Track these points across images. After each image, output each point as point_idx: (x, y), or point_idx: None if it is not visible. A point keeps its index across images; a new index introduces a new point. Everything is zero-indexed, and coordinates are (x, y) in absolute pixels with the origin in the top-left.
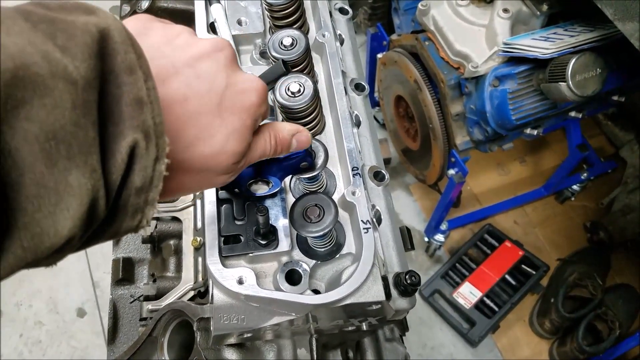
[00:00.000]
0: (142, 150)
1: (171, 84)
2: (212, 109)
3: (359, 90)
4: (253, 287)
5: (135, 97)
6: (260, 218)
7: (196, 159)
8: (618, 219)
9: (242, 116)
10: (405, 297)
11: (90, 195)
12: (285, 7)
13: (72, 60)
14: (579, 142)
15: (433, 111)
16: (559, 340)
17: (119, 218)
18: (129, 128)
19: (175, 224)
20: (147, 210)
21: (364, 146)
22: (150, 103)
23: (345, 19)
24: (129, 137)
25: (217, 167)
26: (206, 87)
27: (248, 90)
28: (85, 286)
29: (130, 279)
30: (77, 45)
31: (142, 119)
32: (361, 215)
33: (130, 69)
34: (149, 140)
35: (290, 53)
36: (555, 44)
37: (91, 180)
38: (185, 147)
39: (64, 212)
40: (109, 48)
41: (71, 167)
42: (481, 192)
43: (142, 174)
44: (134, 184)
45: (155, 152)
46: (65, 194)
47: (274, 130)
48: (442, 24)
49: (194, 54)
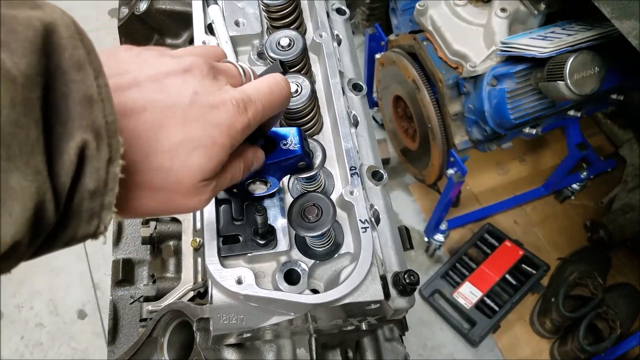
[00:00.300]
0: (92, 152)
1: (130, 94)
2: (174, 123)
3: (357, 90)
4: (252, 287)
5: (84, 94)
6: (259, 218)
7: (156, 173)
8: (618, 218)
9: (212, 132)
10: (404, 297)
11: (35, 198)
12: (283, 8)
13: (10, 56)
14: (578, 141)
15: (432, 111)
16: (559, 339)
17: (73, 223)
18: (78, 128)
19: (174, 225)
20: (104, 215)
21: (362, 146)
22: (101, 101)
23: (342, 19)
24: (78, 137)
25: (180, 184)
26: (170, 101)
27: (219, 106)
28: (86, 287)
29: (130, 280)
30: (18, 40)
31: (92, 118)
32: (359, 215)
33: (79, 65)
34: (100, 140)
35: (287, 53)
36: (553, 43)
37: (35, 182)
38: (143, 159)
39: (5, 217)
40: (54, 43)
41: (11, 169)
42: (481, 192)
43: (95, 177)
44: (87, 187)
45: (108, 152)
46: (7, 198)
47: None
48: (440, 23)
49: (161, 70)
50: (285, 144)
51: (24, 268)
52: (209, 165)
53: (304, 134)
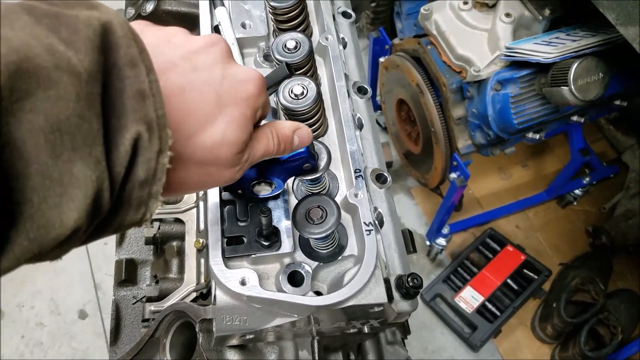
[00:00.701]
0: (145, 143)
1: (169, 77)
2: (210, 100)
3: (362, 93)
4: (255, 288)
5: (137, 90)
6: (263, 219)
7: (198, 150)
8: (620, 224)
9: (241, 106)
10: (407, 300)
11: (95, 186)
12: (289, 11)
13: (75, 54)
14: (581, 147)
15: (435, 115)
16: (561, 345)
17: (123, 211)
18: (132, 121)
19: (178, 226)
20: (151, 204)
21: (366, 149)
22: (152, 96)
23: (348, 22)
24: (132, 130)
25: (220, 158)
26: (203, 79)
27: (245, 80)
28: (87, 288)
29: (132, 280)
30: (81, 38)
31: (145, 112)
32: (363, 217)
33: (133, 62)
34: (152, 132)
35: (293, 56)
36: (557, 49)
37: (96, 172)
38: (186, 139)
39: (69, 204)
40: (111, 42)
41: (76, 159)
42: (483, 196)
43: (146, 167)
44: (138, 176)
45: (159, 144)
46: (70, 185)
47: (276, 127)
48: (444, 28)
49: (189, 49)
50: None
51: (25, 267)
52: (242, 137)
53: None
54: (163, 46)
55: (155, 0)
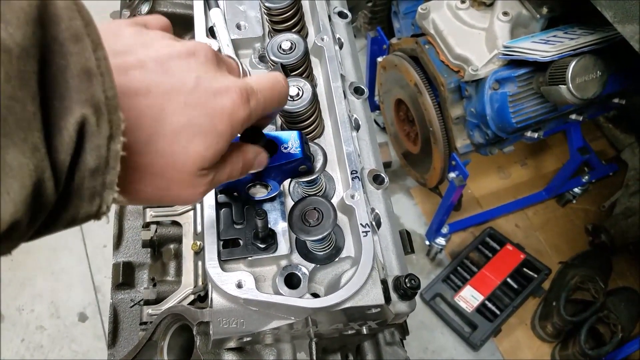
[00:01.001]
0: (92, 127)
1: (134, 74)
2: (177, 107)
3: (358, 93)
4: (252, 291)
5: (82, 67)
6: (259, 222)
7: (156, 158)
8: (619, 222)
9: (213, 120)
10: (404, 301)
11: (34, 176)
12: (284, 11)
13: (5, 27)
14: (580, 145)
15: (433, 114)
16: (561, 343)
17: (74, 203)
18: (77, 102)
19: (175, 228)
20: (106, 195)
21: (363, 150)
22: (100, 75)
23: (344, 22)
24: (77, 112)
25: (178, 171)
26: (172, 84)
27: (221, 93)
28: (87, 290)
29: (130, 283)
30: (12, 10)
31: (91, 92)
32: (360, 219)
33: (76, 36)
34: (100, 115)
35: (289, 57)
36: (555, 47)
37: (33, 159)
38: (145, 141)
39: (4, 196)
40: (50, 14)
41: (8, 145)
42: (482, 196)
43: (96, 154)
44: (87, 164)
45: (108, 129)
46: (4, 175)
47: (243, 153)
48: (442, 27)
49: (165, 53)
50: (286, 147)
51: (25, 270)
52: (208, 153)
53: (305, 138)
54: (138, 46)
55: (150, 2)
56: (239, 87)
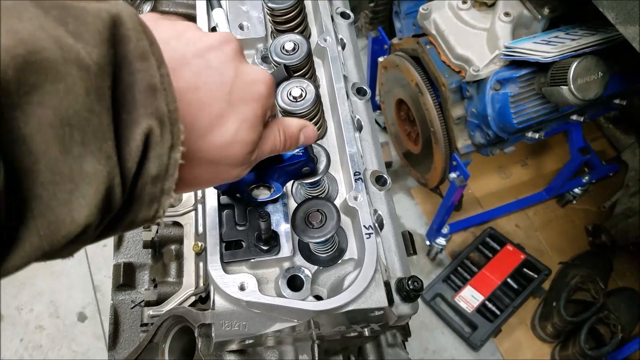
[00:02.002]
0: (157, 138)
1: (182, 74)
2: (223, 98)
3: (361, 94)
4: (254, 293)
5: (148, 84)
6: (262, 224)
7: (211, 149)
8: (620, 222)
9: (253, 105)
10: (407, 303)
11: (106, 182)
12: (287, 12)
13: (84, 46)
14: (581, 146)
15: (434, 115)
16: (561, 344)
17: (135, 207)
18: (143, 115)
19: (176, 229)
20: (164, 200)
21: (365, 150)
22: (163, 90)
23: (346, 23)
24: (144, 124)
25: (231, 157)
26: (216, 77)
27: (257, 80)
28: (87, 290)
29: (131, 284)
30: (89, 31)
31: (156, 106)
32: (363, 221)
33: (143, 55)
34: (164, 127)
35: (292, 58)
36: (556, 48)
37: (107, 167)
38: (198, 136)
39: (79, 200)
40: (120, 34)
41: (86, 154)
42: (483, 196)
43: (158, 162)
44: (150, 172)
45: (170, 139)
46: (81, 181)
47: (282, 125)
48: (443, 27)
49: (202, 46)
50: None
51: (25, 269)
52: (253, 137)
53: None
54: (175, 42)
55: (152, 2)
56: (268, 75)
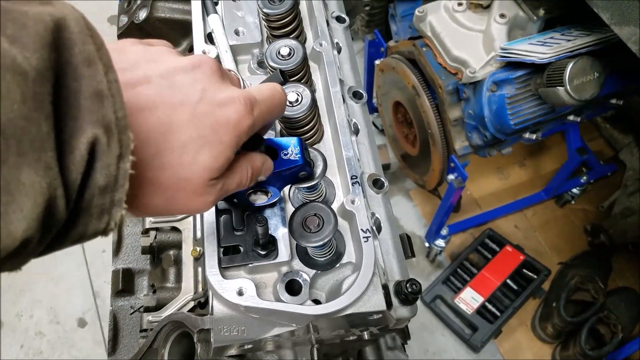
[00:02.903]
0: (103, 147)
1: (141, 90)
2: (184, 120)
3: (357, 98)
4: (253, 298)
5: (94, 90)
6: (260, 229)
7: (165, 170)
8: (618, 222)
9: (219, 131)
10: (406, 306)
11: (46, 194)
12: (282, 17)
13: (21, 51)
14: (578, 146)
15: (431, 117)
16: (561, 344)
17: (84, 220)
18: (88, 123)
19: (174, 234)
20: (115, 212)
21: (362, 154)
22: (111, 96)
23: (342, 27)
24: (88, 132)
25: (188, 182)
26: (179, 98)
27: (226, 104)
28: (86, 295)
29: (130, 290)
30: (29, 35)
31: (103, 113)
32: (361, 224)
33: (89, 60)
34: (111, 135)
35: (287, 63)
36: (552, 49)
37: (46, 178)
38: (153, 156)
39: (16, 213)
40: (64, 38)
41: (22, 164)
42: (481, 197)
43: (105, 172)
44: (97, 182)
45: (118, 148)
46: (17, 193)
47: (251, 161)
48: (439, 30)
49: (170, 67)
50: (286, 154)
51: (24, 276)
52: (217, 164)
53: (305, 144)
54: (143, 62)
55: (148, 8)
56: (242, 97)
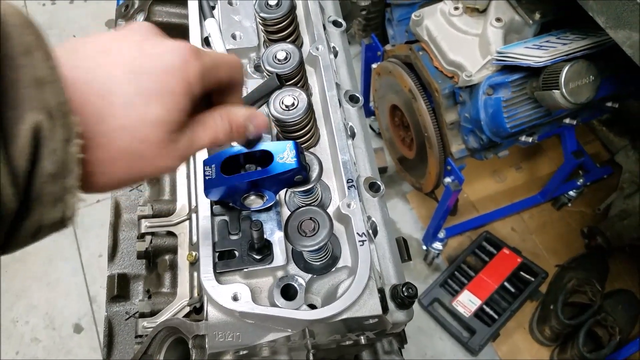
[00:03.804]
0: (46, 132)
1: (76, 67)
2: (122, 78)
3: (353, 102)
4: (248, 303)
5: (34, 77)
6: (255, 233)
7: (117, 135)
8: (615, 224)
9: (164, 80)
10: (402, 310)
11: None
12: (279, 21)
13: None
14: (574, 149)
15: (428, 120)
16: (559, 347)
17: (37, 210)
18: (29, 110)
19: (170, 239)
20: (68, 199)
21: (359, 157)
22: (52, 82)
23: (339, 31)
24: (30, 119)
25: (145, 142)
26: (114, 59)
27: (165, 52)
28: (82, 301)
29: (125, 296)
30: None
31: (43, 99)
32: (357, 228)
33: (27, 50)
34: (54, 120)
35: (284, 67)
36: (548, 52)
37: None
38: (99, 122)
39: None
40: (2, 32)
41: None
42: (478, 200)
43: (53, 158)
44: (46, 169)
45: (63, 132)
46: None
47: (227, 112)
48: (435, 34)
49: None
50: (281, 157)
51: (20, 281)
52: (170, 116)
53: (301, 148)
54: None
55: (145, 12)
56: (185, 44)
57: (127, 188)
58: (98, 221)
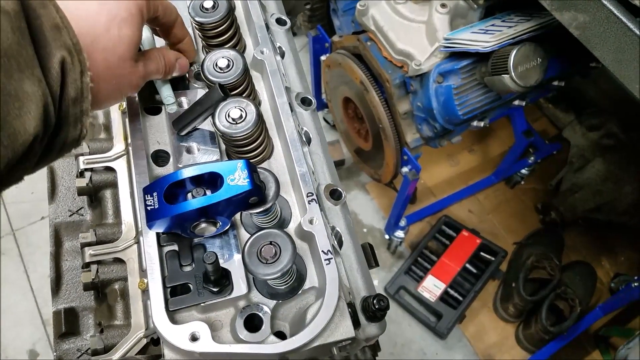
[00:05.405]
0: (69, 65)
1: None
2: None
3: (306, 104)
4: (208, 343)
5: (52, 24)
6: (209, 267)
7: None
8: (567, 198)
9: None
10: (374, 323)
11: (43, 100)
12: (217, 25)
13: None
14: (524, 129)
15: (381, 111)
16: (523, 323)
17: (65, 127)
18: (55, 47)
19: (118, 267)
20: (85, 120)
21: (316, 164)
22: (65, 27)
23: (283, 30)
24: (58, 54)
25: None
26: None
27: None
28: (35, 325)
29: (75, 332)
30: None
31: (63, 40)
32: (321, 246)
33: (43, 3)
34: (73, 56)
35: (227, 75)
36: (494, 37)
37: (40, 88)
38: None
39: (27, 115)
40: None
41: (23, 78)
42: (435, 185)
43: (74, 86)
44: (70, 95)
45: (80, 66)
46: (25, 99)
47: (162, 52)
48: (382, 23)
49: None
50: (232, 179)
51: None
52: (135, 37)
53: (253, 166)
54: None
55: None
56: None
57: (66, 213)
58: (43, 239)
